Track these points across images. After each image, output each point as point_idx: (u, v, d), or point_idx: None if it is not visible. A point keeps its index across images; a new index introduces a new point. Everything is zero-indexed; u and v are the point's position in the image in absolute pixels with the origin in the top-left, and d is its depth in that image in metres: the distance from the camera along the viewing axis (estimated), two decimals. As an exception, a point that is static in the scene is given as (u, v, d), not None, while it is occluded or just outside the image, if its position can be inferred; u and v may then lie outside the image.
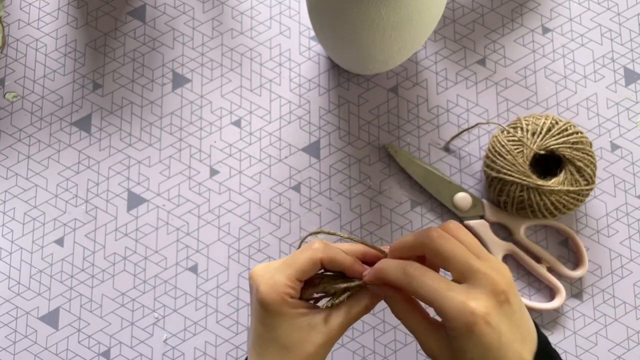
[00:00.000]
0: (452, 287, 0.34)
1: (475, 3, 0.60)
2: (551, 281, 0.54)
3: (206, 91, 0.59)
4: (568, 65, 0.59)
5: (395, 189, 0.57)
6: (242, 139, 0.58)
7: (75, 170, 0.58)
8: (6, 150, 0.58)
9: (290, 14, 0.60)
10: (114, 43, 0.60)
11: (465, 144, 0.58)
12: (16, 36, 0.60)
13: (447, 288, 0.34)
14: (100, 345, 0.55)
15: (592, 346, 0.55)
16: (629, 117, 0.58)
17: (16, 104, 0.59)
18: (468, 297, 0.34)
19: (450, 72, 0.59)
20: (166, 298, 0.56)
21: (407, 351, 0.55)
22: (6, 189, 0.58)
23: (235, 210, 0.57)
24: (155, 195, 0.57)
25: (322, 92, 0.59)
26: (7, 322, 0.56)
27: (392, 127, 0.58)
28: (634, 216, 0.57)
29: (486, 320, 0.33)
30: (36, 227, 0.57)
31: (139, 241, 0.57)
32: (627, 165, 0.57)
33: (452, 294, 0.34)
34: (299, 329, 0.38)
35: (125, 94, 0.59)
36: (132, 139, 0.58)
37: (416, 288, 0.35)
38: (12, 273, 0.56)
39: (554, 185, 0.52)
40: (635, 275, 0.56)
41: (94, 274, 0.56)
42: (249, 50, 0.60)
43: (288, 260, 0.38)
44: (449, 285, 0.35)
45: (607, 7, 0.60)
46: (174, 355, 0.55)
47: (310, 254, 0.38)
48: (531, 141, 0.53)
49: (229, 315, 0.56)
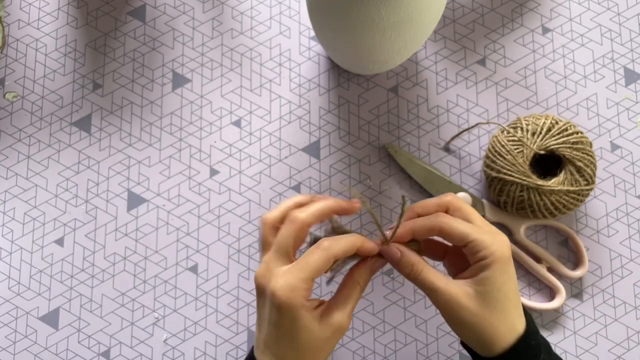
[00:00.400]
0: (480, 229, 0.40)
1: (475, 3, 0.60)
2: (551, 281, 0.54)
3: (206, 91, 0.59)
4: (568, 65, 0.59)
5: (395, 189, 0.57)
6: (242, 139, 0.58)
7: (75, 170, 0.58)
8: (6, 150, 0.58)
9: (290, 14, 0.60)
10: (114, 43, 0.60)
11: (465, 144, 0.58)
12: (16, 36, 0.60)
13: (477, 229, 0.40)
14: (100, 345, 0.55)
15: (592, 346, 0.55)
16: (629, 117, 0.58)
17: (16, 104, 0.59)
18: (499, 233, 0.41)
19: (450, 72, 0.59)
20: (166, 298, 0.56)
21: (407, 351, 0.55)
22: (6, 189, 0.58)
23: (235, 210, 0.57)
24: (155, 195, 0.57)
25: (322, 92, 0.59)
26: (7, 322, 0.56)
27: (392, 127, 0.58)
28: (634, 216, 0.57)
29: (510, 255, 0.40)
30: (36, 227, 0.57)
31: (139, 241, 0.57)
32: (627, 165, 0.57)
33: (482, 232, 0.40)
34: (316, 326, 0.39)
35: (125, 94, 0.59)
36: (132, 139, 0.58)
37: (451, 228, 0.40)
38: (12, 273, 0.56)
39: (554, 185, 0.52)
40: (635, 275, 0.56)
41: (94, 274, 0.56)
42: (249, 50, 0.60)
43: (301, 264, 0.39)
44: (477, 227, 0.40)
45: (607, 7, 0.60)
46: (174, 355, 0.55)
47: (323, 256, 0.39)
48: (531, 141, 0.53)
49: (229, 315, 0.56)
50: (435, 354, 0.55)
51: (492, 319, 0.39)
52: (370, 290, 0.56)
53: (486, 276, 0.39)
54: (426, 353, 0.55)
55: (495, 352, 0.40)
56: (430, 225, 0.40)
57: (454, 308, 0.39)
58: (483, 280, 0.39)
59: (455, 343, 0.55)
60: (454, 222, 0.40)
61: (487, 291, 0.39)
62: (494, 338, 0.39)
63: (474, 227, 0.40)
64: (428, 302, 0.55)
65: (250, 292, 0.56)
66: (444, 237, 0.40)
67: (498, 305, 0.39)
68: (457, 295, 0.39)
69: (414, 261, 0.40)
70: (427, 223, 0.41)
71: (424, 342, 0.55)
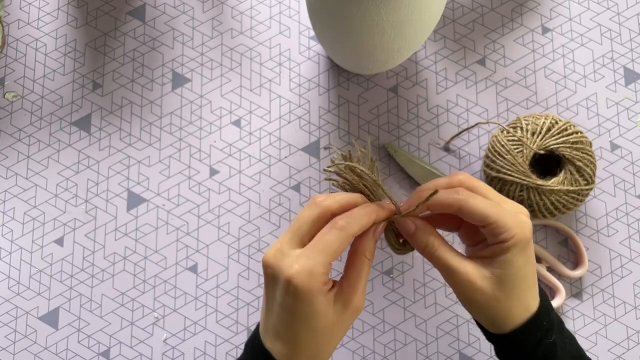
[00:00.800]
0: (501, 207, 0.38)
1: (475, 3, 0.60)
2: (551, 281, 0.54)
3: (206, 91, 0.59)
4: (568, 65, 0.59)
5: (395, 189, 0.57)
6: (242, 139, 0.58)
7: (75, 170, 0.58)
8: (6, 150, 0.58)
9: (290, 14, 0.60)
10: (114, 43, 0.60)
11: (465, 144, 0.58)
12: (16, 36, 0.60)
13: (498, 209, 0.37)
14: (100, 345, 0.55)
15: (592, 346, 0.55)
16: (629, 117, 0.58)
17: (16, 104, 0.59)
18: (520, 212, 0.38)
19: (450, 72, 0.59)
20: (166, 298, 0.56)
21: (407, 351, 0.55)
22: (6, 189, 0.58)
23: (235, 210, 0.57)
24: (155, 195, 0.57)
25: (322, 92, 0.59)
26: (7, 322, 0.56)
27: (392, 127, 0.58)
28: (634, 216, 0.57)
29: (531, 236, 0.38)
30: (36, 227, 0.57)
31: (139, 241, 0.57)
32: (627, 165, 0.57)
33: (503, 212, 0.37)
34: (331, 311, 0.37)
35: (125, 94, 0.59)
36: (132, 139, 0.58)
37: (472, 208, 0.37)
38: (12, 273, 0.56)
39: (554, 185, 0.52)
40: (635, 275, 0.56)
41: (94, 274, 0.56)
42: (249, 50, 0.60)
43: (318, 246, 0.36)
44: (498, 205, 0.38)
45: (607, 7, 0.60)
46: (174, 355, 0.55)
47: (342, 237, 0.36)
48: (531, 141, 0.53)
49: (229, 315, 0.56)
50: (435, 354, 0.55)
51: (507, 301, 0.38)
52: (370, 290, 0.56)
53: (506, 259, 0.37)
54: (426, 353, 0.55)
55: (506, 330, 0.39)
56: (449, 203, 0.38)
57: (468, 289, 0.38)
58: (502, 263, 0.37)
59: (456, 343, 0.55)
60: (474, 201, 0.37)
61: (505, 274, 0.38)
62: (507, 319, 0.38)
63: (495, 206, 0.38)
64: (428, 302, 0.55)
65: (250, 292, 0.56)
66: (463, 216, 0.38)
67: (514, 289, 0.38)
68: (473, 277, 0.38)
69: (430, 237, 0.38)
70: (444, 199, 0.38)
71: (424, 342, 0.55)
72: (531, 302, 0.39)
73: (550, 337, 0.39)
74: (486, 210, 0.37)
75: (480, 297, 0.38)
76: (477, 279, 0.38)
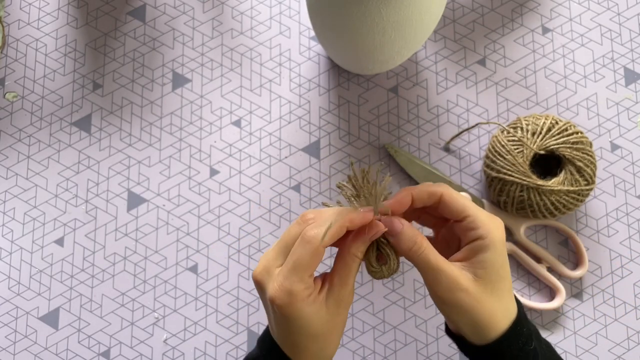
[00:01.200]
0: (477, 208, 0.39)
1: (475, 3, 0.60)
2: (551, 281, 0.54)
3: (206, 91, 0.59)
4: (568, 65, 0.59)
5: (395, 189, 0.57)
6: (242, 139, 0.58)
7: (75, 170, 0.58)
8: (6, 150, 0.58)
9: (290, 14, 0.60)
10: (114, 43, 0.60)
11: (465, 144, 0.58)
12: (16, 36, 0.60)
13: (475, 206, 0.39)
14: (100, 345, 0.55)
15: (592, 346, 0.55)
16: (629, 117, 0.58)
17: (16, 104, 0.59)
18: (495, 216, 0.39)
19: (450, 72, 0.59)
20: (166, 298, 0.56)
21: (407, 351, 0.55)
22: (6, 189, 0.58)
23: (235, 210, 0.57)
24: (155, 195, 0.57)
25: (322, 92, 0.59)
26: (7, 322, 0.56)
27: (392, 127, 0.58)
28: (634, 216, 0.57)
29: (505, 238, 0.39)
30: (36, 227, 0.57)
31: (139, 241, 0.57)
32: (627, 165, 0.57)
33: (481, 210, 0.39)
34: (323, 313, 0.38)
35: (125, 94, 0.59)
36: (132, 139, 0.58)
37: (452, 197, 0.39)
38: (12, 273, 0.56)
39: (554, 185, 0.52)
40: (635, 275, 0.56)
41: (94, 274, 0.56)
42: (249, 50, 0.60)
43: (291, 264, 0.37)
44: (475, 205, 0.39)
45: (607, 7, 0.60)
46: (174, 355, 0.55)
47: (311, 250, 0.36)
48: (531, 141, 0.53)
49: (229, 315, 0.56)
50: (435, 354, 0.55)
51: (490, 303, 0.38)
52: (370, 290, 0.56)
53: (485, 259, 0.38)
54: (426, 353, 0.55)
55: (489, 337, 0.39)
56: (432, 190, 0.39)
57: (453, 290, 0.38)
58: (482, 262, 0.38)
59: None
60: (455, 193, 0.39)
61: (487, 274, 0.38)
62: (490, 323, 0.38)
63: (473, 203, 0.39)
64: (428, 302, 0.55)
65: (250, 292, 0.56)
66: (443, 206, 0.39)
67: (495, 289, 0.38)
68: (458, 277, 0.38)
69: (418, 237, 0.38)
70: (428, 188, 0.39)
71: (424, 342, 0.55)
72: (511, 306, 0.39)
73: (530, 344, 0.39)
74: (464, 203, 0.39)
75: (464, 297, 0.38)
76: (462, 279, 0.38)
